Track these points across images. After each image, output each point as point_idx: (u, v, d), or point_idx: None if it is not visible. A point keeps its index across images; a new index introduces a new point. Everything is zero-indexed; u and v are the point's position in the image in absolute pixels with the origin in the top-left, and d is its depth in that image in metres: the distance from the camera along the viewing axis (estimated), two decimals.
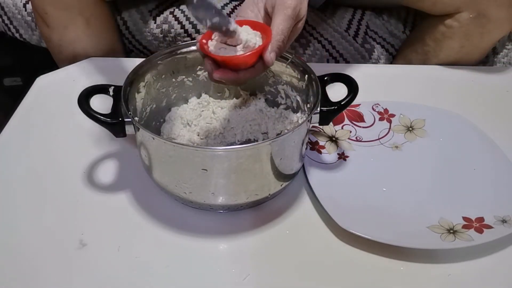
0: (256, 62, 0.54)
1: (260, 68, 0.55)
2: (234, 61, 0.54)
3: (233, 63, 0.54)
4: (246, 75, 0.54)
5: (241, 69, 0.54)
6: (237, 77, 0.54)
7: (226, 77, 0.54)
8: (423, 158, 0.68)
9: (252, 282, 0.54)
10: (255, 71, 0.55)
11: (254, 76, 0.55)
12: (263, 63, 0.54)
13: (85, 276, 0.55)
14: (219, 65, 0.55)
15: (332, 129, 0.70)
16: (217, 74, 0.54)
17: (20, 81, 1.20)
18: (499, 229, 0.57)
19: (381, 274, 0.55)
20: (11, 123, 0.73)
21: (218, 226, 0.60)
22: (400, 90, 0.80)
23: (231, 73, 0.54)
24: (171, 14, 0.89)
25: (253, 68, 0.54)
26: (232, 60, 0.53)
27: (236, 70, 0.54)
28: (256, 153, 0.55)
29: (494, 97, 0.80)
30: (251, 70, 0.54)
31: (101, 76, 0.80)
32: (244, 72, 0.54)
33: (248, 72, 0.54)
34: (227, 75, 0.54)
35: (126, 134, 0.58)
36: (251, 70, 0.54)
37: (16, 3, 0.92)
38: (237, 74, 0.54)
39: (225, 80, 0.54)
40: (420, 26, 0.88)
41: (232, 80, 0.54)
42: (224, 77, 0.54)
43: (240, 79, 0.54)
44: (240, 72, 0.54)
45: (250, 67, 0.54)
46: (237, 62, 0.54)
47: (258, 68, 0.54)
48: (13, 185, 0.65)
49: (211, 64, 0.54)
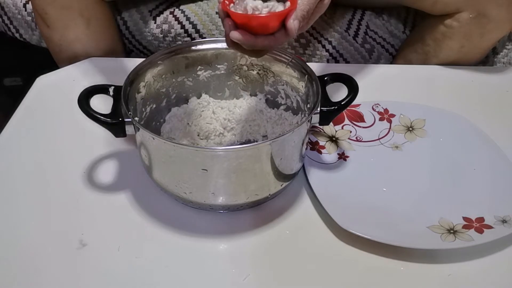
0: (277, 31, 0.51)
1: (280, 37, 0.51)
2: (254, 21, 0.50)
3: (254, 24, 0.50)
4: (265, 42, 0.51)
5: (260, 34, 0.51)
6: (255, 41, 0.51)
7: (243, 39, 0.50)
8: (423, 158, 0.68)
9: (252, 282, 0.54)
10: (275, 40, 0.51)
11: (273, 46, 0.52)
12: (285, 31, 0.51)
13: (85, 276, 0.55)
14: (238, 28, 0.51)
15: (332, 129, 0.70)
16: (234, 34, 0.50)
17: (20, 81, 1.20)
18: (499, 229, 0.57)
19: (381, 274, 0.55)
20: (11, 123, 0.73)
21: (218, 226, 0.60)
22: (400, 90, 0.80)
23: (249, 35, 0.50)
24: (171, 14, 0.89)
25: (273, 36, 0.51)
26: (252, 19, 0.50)
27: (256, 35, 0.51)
28: (256, 153, 0.55)
29: (494, 97, 0.80)
30: (270, 38, 0.51)
31: (101, 76, 0.80)
32: (263, 38, 0.51)
33: (267, 39, 0.51)
34: (245, 37, 0.50)
35: (126, 134, 0.58)
36: (270, 38, 0.51)
37: (16, 3, 0.92)
38: (255, 38, 0.51)
39: (242, 42, 0.51)
40: (420, 26, 0.88)
41: (249, 44, 0.51)
42: (241, 39, 0.50)
43: (257, 44, 0.51)
44: (259, 37, 0.51)
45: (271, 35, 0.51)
46: (257, 22, 0.50)
47: (278, 36, 0.51)
48: (12, 185, 0.65)
49: (230, 25, 0.51)
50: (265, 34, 0.51)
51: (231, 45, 0.53)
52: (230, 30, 0.51)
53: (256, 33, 0.51)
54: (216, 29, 0.88)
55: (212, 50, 0.67)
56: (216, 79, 0.70)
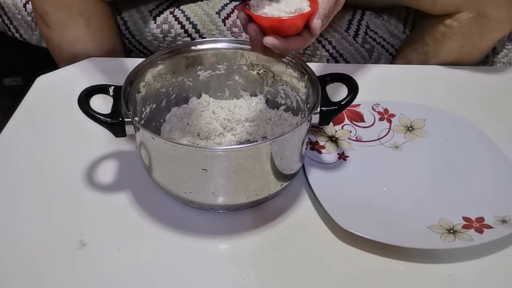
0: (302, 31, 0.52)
1: (307, 37, 0.52)
2: (285, 24, 0.51)
3: (284, 26, 0.51)
4: (296, 44, 0.52)
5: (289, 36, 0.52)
6: (288, 44, 0.51)
7: (278, 43, 0.51)
8: (423, 158, 0.68)
9: (252, 282, 0.54)
10: (304, 41, 0.52)
11: (302, 47, 0.53)
12: (309, 31, 0.52)
13: (85, 276, 0.55)
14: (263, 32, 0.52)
15: (332, 129, 0.70)
16: (269, 39, 0.51)
17: (20, 81, 1.20)
18: (499, 229, 0.57)
19: (381, 274, 0.55)
20: (11, 123, 0.73)
21: (218, 226, 0.60)
22: (400, 90, 0.80)
23: (283, 39, 0.51)
24: (171, 14, 0.89)
25: (301, 37, 0.52)
26: (283, 22, 0.50)
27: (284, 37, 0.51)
28: (256, 153, 0.55)
29: (494, 97, 0.80)
30: (300, 39, 0.52)
31: (101, 76, 0.80)
32: (294, 39, 0.52)
33: (297, 41, 0.52)
34: (279, 40, 0.51)
35: (126, 134, 0.58)
36: (300, 39, 0.52)
37: (16, 3, 0.92)
38: (287, 41, 0.51)
39: (277, 46, 0.51)
40: (420, 26, 0.88)
41: (283, 48, 0.51)
42: (276, 43, 0.51)
43: (290, 47, 0.52)
44: (290, 39, 0.52)
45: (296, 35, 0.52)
46: (287, 24, 0.51)
47: (306, 37, 0.52)
48: (12, 185, 0.65)
49: (257, 30, 0.52)
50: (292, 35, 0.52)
51: (261, 50, 0.53)
52: (257, 35, 0.52)
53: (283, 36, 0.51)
54: (216, 29, 0.88)
55: (212, 50, 0.67)
56: (216, 79, 0.70)
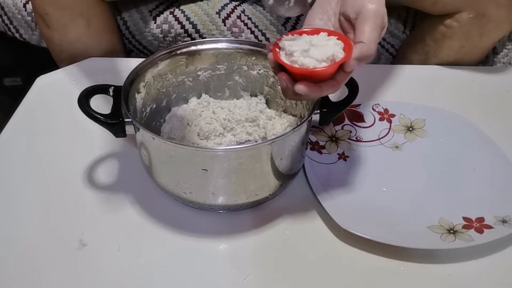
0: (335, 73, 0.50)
1: (342, 80, 0.50)
2: (316, 74, 0.48)
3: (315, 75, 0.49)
4: (329, 89, 0.50)
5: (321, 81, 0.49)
6: (321, 91, 0.49)
7: (310, 91, 0.48)
8: (423, 158, 0.68)
9: (252, 282, 0.54)
10: (338, 84, 0.50)
11: (335, 90, 0.51)
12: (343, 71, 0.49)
13: (85, 276, 0.55)
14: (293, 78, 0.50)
15: (332, 129, 0.70)
16: (300, 87, 0.48)
17: (20, 81, 1.20)
18: (499, 229, 0.57)
19: (381, 274, 0.55)
20: (11, 123, 0.73)
21: (218, 226, 0.60)
22: (400, 90, 0.80)
23: (314, 86, 0.49)
24: (171, 14, 0.89)
25: (336, 81, 0.50)
26: (314, 74, 0.48)
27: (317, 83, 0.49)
28: (256, 153, 0.55)
29: (494, 97, 0.80)
30: (333, 83, 0.50)
31: (101, 76, 0.79)
32: (327, 85, 0.49)
33: (330, 86, 0.50)
34: (311, 88, 0.48)
35: (126, 134, 0.58)
36: (333, 83, 0.50)
37: (16, 3, 0.92)
38: (320, 87, 0.49)
39: (308, 94, 0.49)
40: (420, 26, 0.88)
41: (316, 95, 0.50)
42: (307, 91, 0.48)
43: (323, 93, 0.50)
44: (323, 85, 0.49)
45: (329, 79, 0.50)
46: (320, 74, 0.49)
47: (340, 80, 0.50)
48: (12, 185, 0.65)
49: (287, 81, 0.50)
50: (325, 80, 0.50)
51: (293, 97, 0.51)
52: (288, 84, 0.50)
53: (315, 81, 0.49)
54: (216, 29, 0.88)
55: (212, 50, 0.67)
56: (216, 79, 0.70)
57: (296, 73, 0.49)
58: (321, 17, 0.55)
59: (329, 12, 0.55)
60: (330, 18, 0.55)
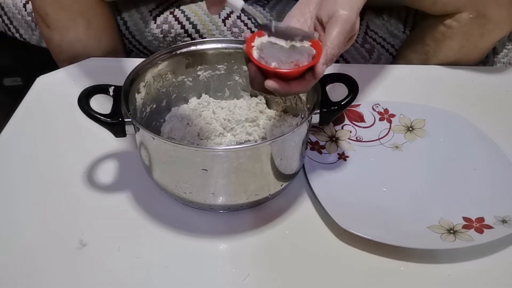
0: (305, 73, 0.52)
1: (311, 80, 0.52)
2: (286, 74, 0.51)
3: (285, 75, 0.51)
4: (298, 88, 0.52)
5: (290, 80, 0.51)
6: (290, 88, 0.51)
7: (279, 88, 0.51)
8: (423, 158, 0.68)
9: (252, 282, 0.54)
10: (307, 84, 0.52)
11: (304, 90, 0.53)
12: (313, 75, 0.51)
13: (85, 276, 0.55)
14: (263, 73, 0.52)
15: (332, 129, 0.70)
16: (270, 83, 0.50)
17: (20, 81, 1.20)
18: (499, 229, 0.57)
19: (381, 274, 0.55)
20: (11, 123, 0.73)
21: (218, 226, 0.60)
22: (400, 90, 0.80)
23: (284, 84, 0.51)
24: (171, 14, 0.89)
25: (305, 81, 0.52)
26: (284, 75, 0.51)
27: (286, 81, 0.51)
28: (256, 153, 0.55)
29: (494, 97, 0.80)
30: (302, 83, 0.52)
31: (101, 76, 0.79)
32: (296, 83, 0.51)
33: (300, 85, 0.52)
34: (280, 85, 0.51)
35: (126, 134, 0.58)
36: (302, 83, 0.52)
37: (16, 3, 0.92)
38: (289, 86, 0.51)
39: (277, 90, 0.51)
40: (420, 26, 0.88)
41: (284, 92, 0.51)
42: (276, 87, 0.50)
43: (292, 91, 0.52)
44: (292, 83, 0.51)
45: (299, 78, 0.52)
46: (289, 75, 0.51)
47: (309, 80, 0.52)
48: (13, 185, 0.65)
49: (256, 71, 0.52)
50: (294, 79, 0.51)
51: (260, 90, 0.53)
52: (256, 75, 0.52)
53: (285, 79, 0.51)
54: (216, 29, 0.88)
55: (212, 50, 0.67)
56: (216, 79, 0.70)
57: (266, 72, 0.51)
58: (299, 19, 0.57)
59: (307, 15, 0.56)
60: (307, 21, 0.56)
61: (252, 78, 0.53)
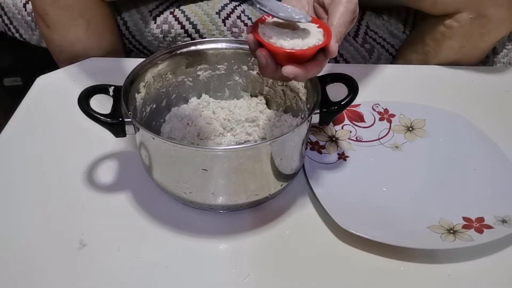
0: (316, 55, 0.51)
1: (323, 61, 0.51)
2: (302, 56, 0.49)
3: (299, 56, 0.50)
4: (314, 70, 0.51)
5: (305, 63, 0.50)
6: (306, 71, 0.50)
7: (298, 73, 0.49)
8: (423, 158, 0.68)
9: (252, 282, 0.54)
10: (321, 64, 0.51)
11: (319, 71, 0.52)
12: (326, 55, 0.51)
13: (85, 276, 0.55)
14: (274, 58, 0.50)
15: (332, 129, 0.70)
16: (289, 68, 0.49)
17: (20, 81, 1.20)
18: (499, 229, 0.57)
19: (381, 274, 0.55)
20: (11, 123, 0.73)
21: (218, 226, 0.60)
22: (400, 90, 0.80)
23: (302, 68, 0.50)
24: (171, 14, 0.89)
25: (318, 61, 0.51)
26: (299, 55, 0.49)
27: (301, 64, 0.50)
28: (256, 153, 0.55)
29: (494, 97, 0.80)
30: (317, 64, 0.51)
31: (101, 76, 0.79)
32: (312, 66, 0.50)
33: (315, 67, 0.51)
34: (300, 69, 0.49)
35: (126, 134, 0.58)
36: (317, 64, 0.51)
37: (16, 3, 0.92)
38: (306, 69, 0.50)
39: (296, 75, 0.50)
40: (420, 26, 0.88)
41: (302, 77, 0.50)
42: (296, 72, 0.49)
43: (309, 75, 0.51)
44: (308, 66, 0.50)
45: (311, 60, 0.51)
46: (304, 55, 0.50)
47: (322, 60, 0.51)
48: (12, 185, 0.65)
49: (267, 56, 0.50)
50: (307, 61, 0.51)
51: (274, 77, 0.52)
52: (267, 61, 0.50)
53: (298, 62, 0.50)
54: (216, 29, 0.88)
55: (212, 50, 0.67)
56: (216, 79, 0.70)
57: (278, 53, 0.50)
58: (296, 4, 0.56)
59: (303, 1, 0.56)
60: (304, 7, 0.56)
61: (263, 65, 0.51)
